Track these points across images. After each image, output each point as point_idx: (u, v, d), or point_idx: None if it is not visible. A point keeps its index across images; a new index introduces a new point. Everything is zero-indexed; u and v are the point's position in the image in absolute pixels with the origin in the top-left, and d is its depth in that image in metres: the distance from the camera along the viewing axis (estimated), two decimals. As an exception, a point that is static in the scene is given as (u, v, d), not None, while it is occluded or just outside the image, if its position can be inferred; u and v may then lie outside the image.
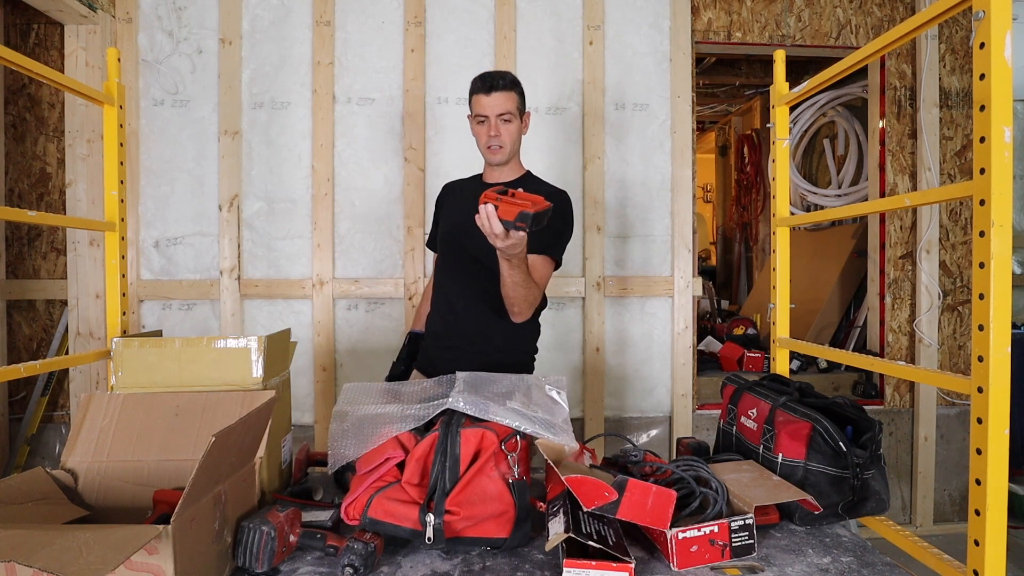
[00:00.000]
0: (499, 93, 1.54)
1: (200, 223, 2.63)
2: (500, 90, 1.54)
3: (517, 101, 1.58)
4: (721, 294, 5.43)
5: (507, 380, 1.20)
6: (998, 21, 0.97)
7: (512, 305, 1.47)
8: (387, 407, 1.12)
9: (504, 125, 1.56)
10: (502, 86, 1.54)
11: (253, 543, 0.94)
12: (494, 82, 1.54)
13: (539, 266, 1.52)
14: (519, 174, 1.67)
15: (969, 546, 1.01)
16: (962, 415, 2.87)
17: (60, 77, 1.37)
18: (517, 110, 1.58)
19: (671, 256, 2.74)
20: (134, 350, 1.18)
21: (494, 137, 1.56)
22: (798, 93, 1.60)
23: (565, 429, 1.11)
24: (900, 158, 2.89)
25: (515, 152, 1.63)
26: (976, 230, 1.01)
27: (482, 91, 1.55)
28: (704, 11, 2.79)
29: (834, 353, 1.51)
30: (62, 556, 0.67)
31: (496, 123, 1.56)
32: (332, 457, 1.09)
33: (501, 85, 1.54)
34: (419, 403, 1.12)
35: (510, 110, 1.56)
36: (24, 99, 2.70)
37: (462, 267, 1.61)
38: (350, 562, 0.93)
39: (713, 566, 0.97)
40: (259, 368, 1.17)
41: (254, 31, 2.63)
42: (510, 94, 1.56)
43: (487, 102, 1.54)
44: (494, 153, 1.59)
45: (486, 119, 1.56)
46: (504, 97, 1.55)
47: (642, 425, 2.75)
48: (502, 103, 1.55)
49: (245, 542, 0.94)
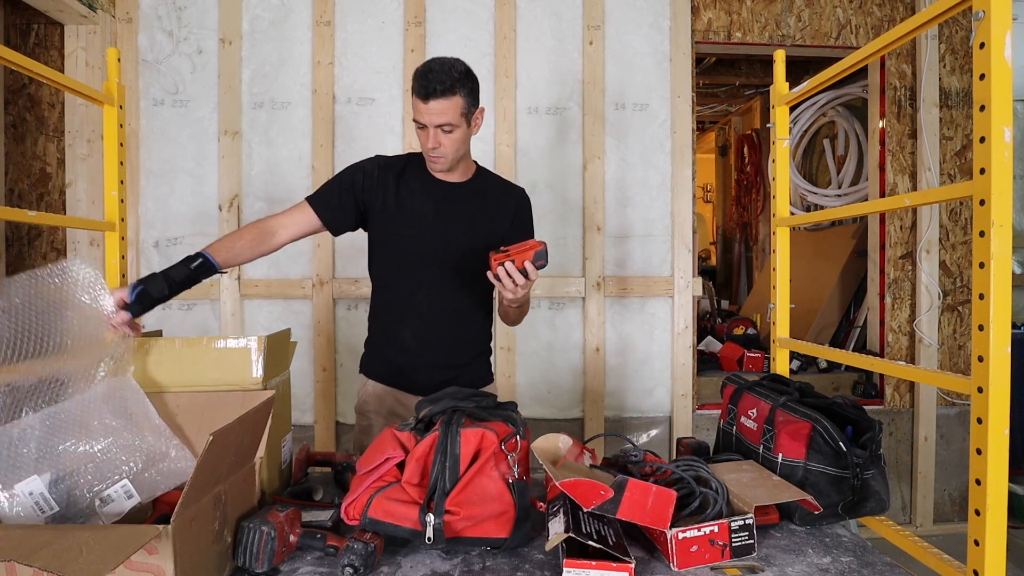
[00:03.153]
0: (438, 101, 1.31)
1: (200, 223, 2.62)
2: (439, 97, 1.30)
3: (462, 106, 1.34)
4: (721, 294, 5.43)
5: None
6: (998, 21, 0.97)
7: (513, 323, 1.55)
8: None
9: (445, 135, 1.36)
10: (441, 92, 1.30)
11: (253, 543, 0.93)
12: (431, 87, 1.30)
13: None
14: (470, 173, 1.53)
15: (969, 546, 1.01)
16: (962, 415, 2.87)
17: (60, 77, 1.37)
18: (462, 116, 1.35)
19: (671, 256, 2.74)
20: (134, 350, 1.18)
21: (433, 149, 1.37)
22: (798, 93, 1.60)
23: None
24: (900, 158, 2.89)
25: (461, 157, 1.45)
26: (976, 230, 1.01)
27: (419, 96, 1.32)
28: (704, 11, 2.79)
29: (834, 353, 1.51)
30: (62, 556, 0.67)
31: (435, 133, 1.35)
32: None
33: (440, 91, 1.30)
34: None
35: (450, 121, 1.33)
36: (24, 99, 2.70)
37: (439, 279, 1.47)
38: (350, 562, 0.93)
39: (713, 566, 0.97)
40: (259, 368, 1.17)
41: (254, 31, 2.63)
42: (452, 100, 1.32)
43: (424, 110, 1.32)
44: (434, 163, 1.42)
45: (425, 127, 1.35)
46: (444, 105, 1.31)
47: (642, 425, 2.75)
48: (441, 113, 1.32)
49: (245, 542, 0.94)
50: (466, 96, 1.35)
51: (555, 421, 2.70)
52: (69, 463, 1.00)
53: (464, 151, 1.45)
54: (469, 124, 1.39)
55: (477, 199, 1.50)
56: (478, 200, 1.50)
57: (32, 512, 0.95)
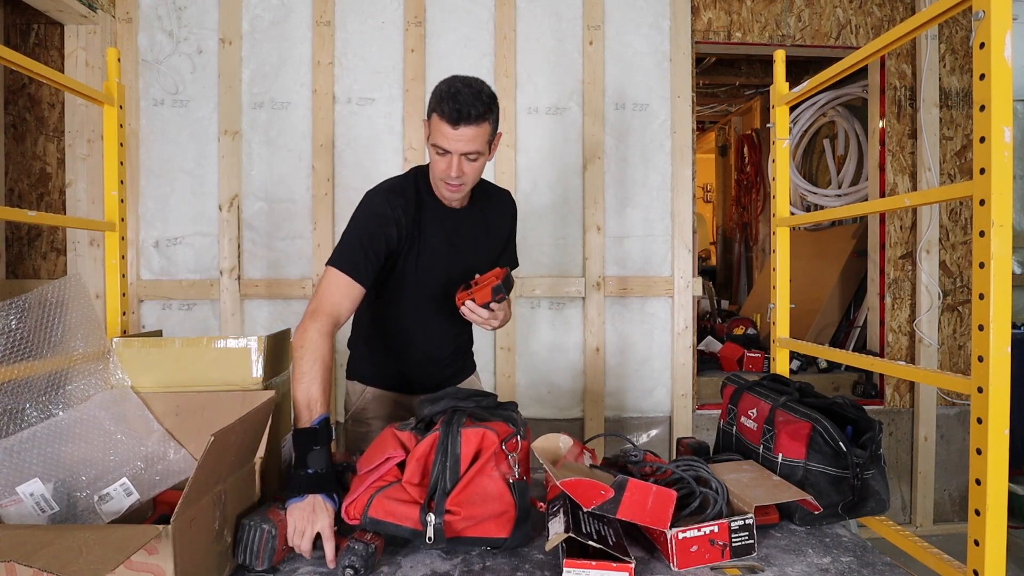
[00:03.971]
0: (469, 128, 1.19)
1: (200, 223, 2.63)
2: (471, 123, 1.19)
3: (489, 132, 1.24)
4: (721, 294, 5.43)
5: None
6: (998, 21, 0.97)
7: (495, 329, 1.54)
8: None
9: (469, 164, 1.26)
10: (475, 117, 1.19)
11: (253, 541, 0.93)
12: (464, 111, 1.18)
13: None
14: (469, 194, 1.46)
15: (969, 546, 1.01)
16: (962, 415, 2.87)
17: (60, 77, 1.37)
18: (487, 144, 1.25)
19: (671, 256, 2.74)
20: (134, 350, 1.18)
21: (456, 177, 1.26)
22: (798, 93, 1.60)
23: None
24: (900, 158, 2.89)
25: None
26: (976, 230, 1.01)
27: (447, 120, 1.19)
28: (704, 11, 2.79)
29: (834, 353, 1.51)
30: (62, 556, 0.67)
31: (459, 162, 1.24)
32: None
33: (474, 116, 1.18)
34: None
35: (478, 149, 1.23)
36: (24, 99, 2.70)
37: (449, 302, 1.37)
38: (350, 563, 0.92)
39: (713, 566, 0.97)
40: (259, 368, 1.17)
41: (254, 31, 2.63)
42: (482, 127, 1.21)
43: (452, 136, 1.20)
44: (452, 192, 1.31)
45: (447, 153, 1.24)
46: (474, 132, 1.20)
47: (642, 425, 2.75)
48: (470, 140, 1.21)
49: (245, 540, 0.94)
50: (493, 123, 1.26)
51: (555, 421, 2.70)
52: (70, 471, 1.00)
53: (479, 179, 1.37)
54: (490, 151, 1.30)
55: (480, 219, 1.48)
56: (481, 220, 1.49)
57: (32, 512, 0.95)
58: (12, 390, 1.01)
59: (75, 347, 1.10)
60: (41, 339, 1.05)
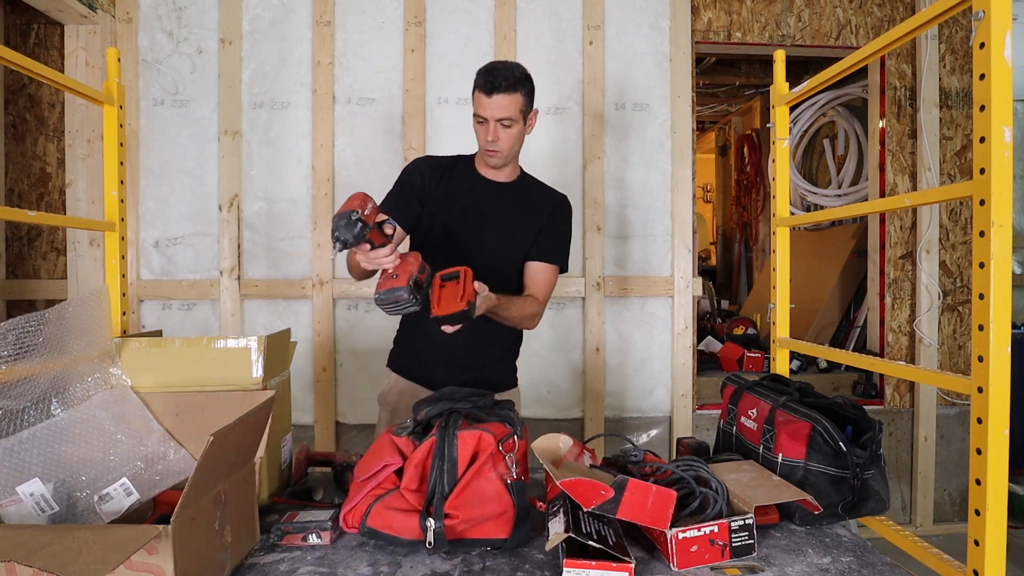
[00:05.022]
0: (501, 96, 1.40)
1: (200, 223, 2.63)
2: (503, 92, 1.39)
3: (522, 103, 1.43)
4: (721, 294, 5.43)
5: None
6: (998, 21, 0.97)
7: (521, 327, 1.57)
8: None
9: (504, 130, 1.44)
10: (505, 87, 1.39)
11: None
12: (496, 82, 1.39)
13: (544, 274, 1.55)
14: (515, 175, 1.59)
15: (969, 546, 1.01)
16: (962, 415, 2.87)
17: (60, 77, 1.37)
18: (520, 113, 1.44)
19: (671, 256, 2.74)
20: (134, 350, 1.18)
21: (492, 142, 1.45)
22: (798, 93, 1.60)
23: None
24: (900, 158, 2.89)
25: (515, 155, 1.53)
26: (976, 230, 1.01)
27: (483, 90, 1.40)
28: (704, 11, 2.79)
29: (834, 353, 1.51)
30: (62, 556, 0.67)
31: (495, 128, 1.43)
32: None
33: (504, 87, 1.39)
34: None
35: (511, 116, 1.42)
36: (24, 99, 2.70)
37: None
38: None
39: (713, 566, 0.97)
40: (259, 368, 1.17)
41: (254, 31, 2.63)
42: (514, 96, 1.41)
43: (487, 104, 1.41)
44: (491, 157, 1.49)
45: (485, 120, 1.43)
46: (506, 100, 1.40)
47: (642, 425, 2.75)
48: (503, 107, 1.41)
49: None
50: (525, 95, 1.44)
51: (555, 421, 2.70)
52: (70, 471, 1.00)
53: (518, 149, 1.53)
54: (525, 123, 1.48)
55: (517, 202, 1.56)
56: (518, 202, 1.56)
57: (32, 512, 0.95)
58: (12, 390, 1.01)
59: (75, 347, 1.10)
60: (52, 347, 1.05)
